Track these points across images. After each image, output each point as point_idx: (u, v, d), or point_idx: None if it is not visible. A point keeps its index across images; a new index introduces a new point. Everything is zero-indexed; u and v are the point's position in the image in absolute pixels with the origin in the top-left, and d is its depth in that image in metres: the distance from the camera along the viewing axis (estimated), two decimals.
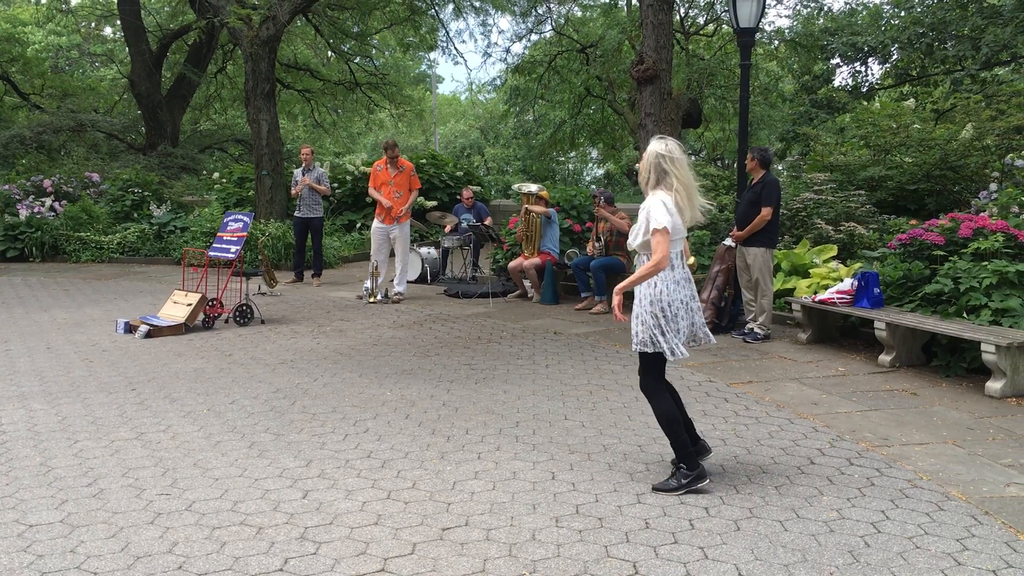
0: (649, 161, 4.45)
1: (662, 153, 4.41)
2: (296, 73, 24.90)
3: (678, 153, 4.44)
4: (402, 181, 10.77)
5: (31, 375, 6.97)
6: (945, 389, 6.46)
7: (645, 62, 11.93)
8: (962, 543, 3.76)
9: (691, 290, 4.49)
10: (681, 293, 4.41)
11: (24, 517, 4.05)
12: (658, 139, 4.52)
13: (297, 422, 5.63)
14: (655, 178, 4.44)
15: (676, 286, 4.39)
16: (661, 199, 4.36)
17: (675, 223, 4.34)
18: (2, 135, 21.68)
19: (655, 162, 4.42)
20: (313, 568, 3.54)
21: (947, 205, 10.86)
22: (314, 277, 12.63)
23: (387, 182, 10.74)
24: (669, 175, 4.40)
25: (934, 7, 17.53)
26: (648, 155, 4.46)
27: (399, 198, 10.72)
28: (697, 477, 4.36)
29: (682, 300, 4.41)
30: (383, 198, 10.68)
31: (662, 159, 4.41)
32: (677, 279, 4.41)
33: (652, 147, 4.46)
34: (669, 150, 4.42)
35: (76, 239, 15.67)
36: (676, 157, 4.42)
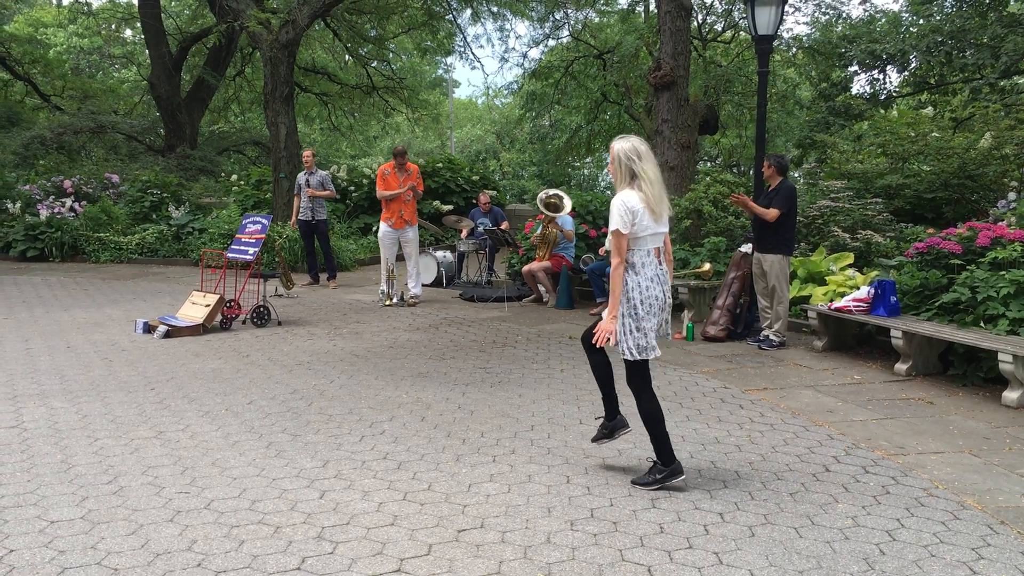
0: (619, 161, 4.44)
1: (629, 153, 4.42)
2: (314, 77, 25.03)
3: (644, 149, 4.44)
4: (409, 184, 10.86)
5: (52, 373, 7.05)
6: (962, 398, 6.44)
7: (662, 68, 11.95)
8: (977, 552, 3.76)
9: (663, 289, 4.51)
10: (653, 291, 4.44)
11: (46, 513, 4.10)
12: (622, 138, 4.52)
13: (314, 423, 5.67)
14: (628, 177, 4.43)
15: (651, 283, 4.44)
16: (622, 199, 4.37)
17: (640, 222, 4.36)
18: (23, 136, 21.87)
19: (625, 162, 4.42)
20: (330, 567, 3.57)
21: (965, 214, 10.81)
22: (329, 280, 12.68)
23: (398, 186, 10.79)
24: (638, 174, 4.41)
25: (953, 15, 17.47)
26: (616, 155, 4.45)
27: (408, 202, 10.82)
28: (671, 473, 4.46)
29: (656, 297, 4.45)
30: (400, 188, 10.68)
31: (631, 159, 4.41)
32: (650, 277, 4.44)
33: (618, 147, 4.45)
34: (635, 148, 4.43)
35: (96, 239, 15.81)
36: (643, 154, 4.42)
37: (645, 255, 4.44)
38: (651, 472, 4.53)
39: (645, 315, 4.42)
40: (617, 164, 4.45)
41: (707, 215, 10.86)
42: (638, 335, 4.42)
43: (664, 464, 4.49)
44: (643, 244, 4.41)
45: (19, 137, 21.88)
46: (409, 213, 10.80)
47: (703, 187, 11.14)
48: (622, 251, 4.36)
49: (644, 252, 4.43)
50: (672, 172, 12.19)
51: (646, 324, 4.43)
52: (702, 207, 10.84)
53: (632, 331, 4.42)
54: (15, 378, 6.86)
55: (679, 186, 12.02)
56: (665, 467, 4.48)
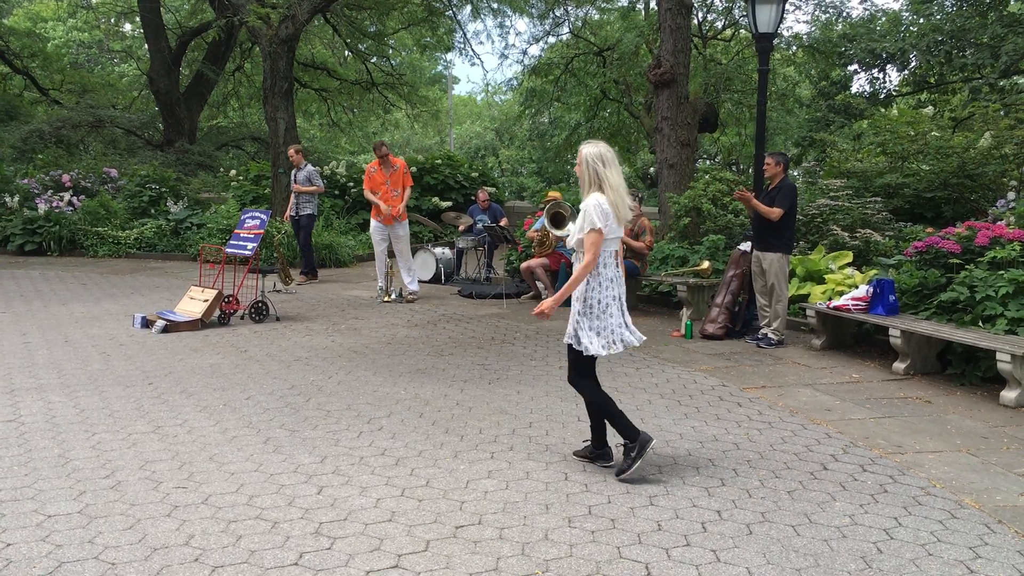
0: (586, 165, 4.59)
1: (597, 158, 4.56)
2: (313, 72, 24.99)
3: (610, 155, 4.60)
4: (397, 179, 10.79)
5: (49, 367, 7.04)
6: (959, 398, 6.44)
7: (662, 66, 11.95)
8: (975, 551, 3.76)
9: (619, 291, 4.64)
10: (609, 292, 4.58)
11: (43, 507, 4.10)
12: (590, 143, 4.67)
13: (312, 419, 5.67)
14: (596, 181, 4.56)
15: (605, 283, 4.57)
16: (598, 200, 4.50)
17: (610, 225, 4.51)
18: (22, 130, 21.83)
19: (593, 165, 4.56)
20: (328, 563, 3.57)
21: (964, 213, 10.82)
22: (301, 275, 12.58)
23: (384, 182, 10.77)
24: (604, 179, 4.54)
25: (954, 15, 17.47)
26: (584, 159, 4.59)
27: (396, 196, 10.75)
28: (641, 445, 4.58)
29: (612, 298, 4.59)
30: (382, 202, 10.67)
31: (597, 163, 4.55)
32: (609, 277, 4.58)
33: (586, 151, 4.60)
34: (602, 155, 4.58)
35: (94, 234, 15.79)
36: (608, 159, 4.57)
37: (608, 256, 4.58)
38: (626, 456, 4.64)
39: (601, 313, 4.56)
40: (585, 168, 4.59)
41: (706, 213, 10.86)
42: (591, 333, 4.56)
43: (632, 440, 4.62)
44: (607, 246, 4.56)
45: (17, 131, 21.84)
46: (398, 210, 10.74)
47: (702, 185, 11.14)
48: (597, 249, 4.48)
49: (608, 254, 4.58)
50: (671, 170, 12.19)
51: (600, 323, 4.57)
52: (701, 205, 10.83)
53: (586, 328, 4.56)
54: (13, 372, 6.85)
55: (678, 184, 12.02)
56: (634, 443, 4.61)
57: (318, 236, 14.53)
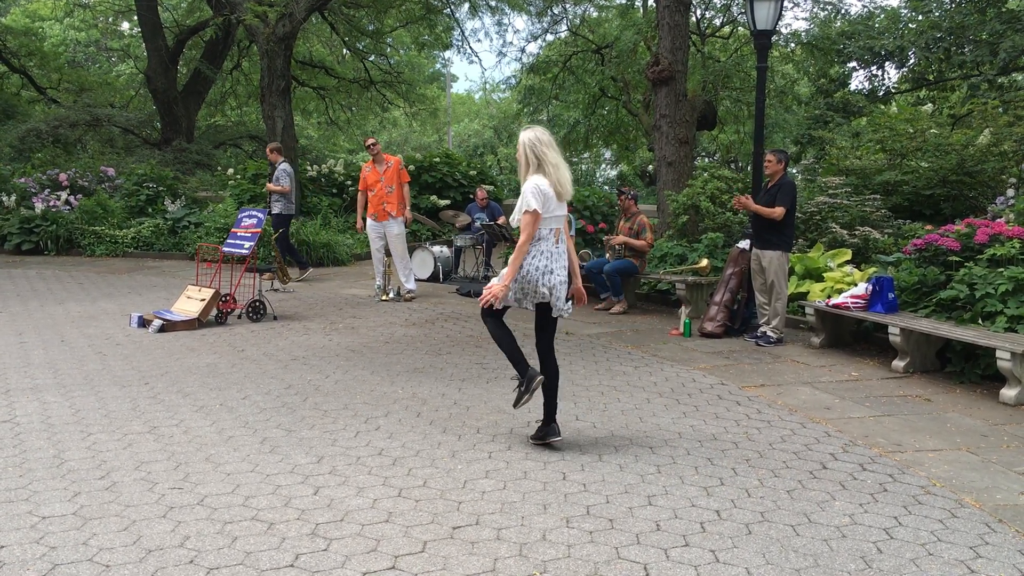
0: (525, 150, 4.82)
1: (534, 141, 4.80)
2: (311, 70, 24.95)
3: (547, 138, 4.84)
4: (391, 175, 10.72)
5: (45, 367, 7.01)
6: (959, 395, 6.42)
7: (661, 63, 11.92)
8: (975, 551, 3.74)
9: (553, 263, 4.85)
10: (539, 261, 4.82)
11: (37, 509, 4.07)
12: (527, 129, 4.89)
13: (309, 418, 5.64)
14: (535, 164, 4.80)
15: (536, 254, 4.82)
16: (536, 183, 4.75)
17: (548, 205, 4.76)
18: (19, 129, 21.80)
19: (530, 149, 4.79)
20: (324, 564, 3.54)
21: (963, 211, 10.80)
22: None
23: (377, 180, 10.72)
24: (543, 160, 4.78)
25: (952, 11, 17.44)
26: (522, 145, 4.83)
27: (391, 193, 10.69)
28: (530, 378, 4.97)
29: (536, 267, 4.82)
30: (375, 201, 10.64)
31: (535, 146, 4.79)
32: (541, 250, 4.83)
33: (524, 136, 4.83)
34: (539, 137, 4.82)
35: (91, 233, 15.76)
36: (546, 141, 4.82)
37: (547, 233, 4.85)
38: (518, 390, 5.02)
39: (535, 279, 4.82)
40: (523, 152, 4.83)
41: (705, 211, 10.83)
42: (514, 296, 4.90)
43: (521, 374, 5.01)
44: (545, 224, 4.82)
45: (15, 130, 21.80)
46: (393, 206, 10.69)
47: (701, 183, 11.11)
48: (532, 229, 4.75)
49: (546, 230, 4.84)
50: (670, 167, 12.17)
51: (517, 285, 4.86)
52: (700, 203, 10.81)
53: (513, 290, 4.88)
54: (8, 371, 6.82)
55: (677, 181, 12.00)
56: (523, 377, 5.00)
57: (315, 235, 14.50)
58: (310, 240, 14.39)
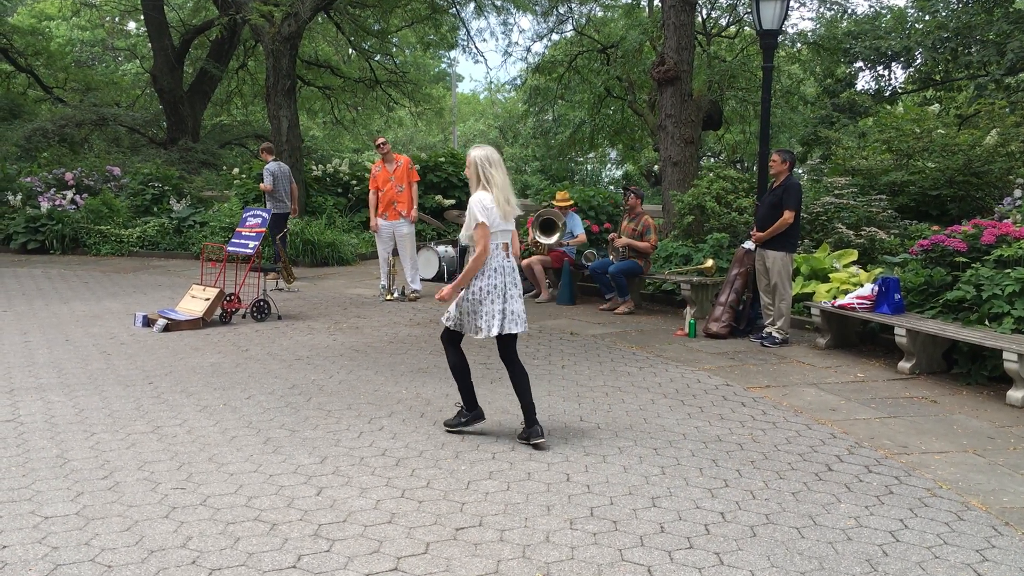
0: (473, 166, 5.08)
1: (483, 160, 5.06)
2: (316, 70, 24.94)
3: (496, 158, 5.11)
4: (401, 175, 10.70)
5: (49, 367, 7.01)
6: (966, 397, 6.38)
7: (666, 63, 11.89)
8: (982, 554, 3.71)
9: (505, 279, 5.09)
10: (491, 281, 5.05)
11: (40, 509, 4.07)
12: (478, 147, 5.16)
13: (312, 418, 5.63)
14: (483, 180, 5.07)
15: (488, 272, 5.04)
16: (480, 198, 5.02)
17: (493, 219, 4.99)
18: (25, 128, 21.84)
19: (479, 166, 5.05)
20: (326, 566, 3.53)
21: (970, 211, 10.76)
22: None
23: (387, 179, 10.71)
24: (490, 180, 5.04)
25: (959, 11, 17.38)
26: (473, 161, 5.08)
27: (401, 192, 10.68)
28: (473, 417, 5.31)
29: (493, 287, 5.04)
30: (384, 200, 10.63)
31: (484, 166, 5.05)
32: (493, 267, 5.06)
33: (474, 154, 5.09)
34: (487, 156, 5.08)
35: (96, 232, 15.78)
36: (494, 161, 5.08)
37: (494, 248, 5.06)
38: (458, 416, 5.34)
39: (483, 299, 5.03)
40: (473, 169, 5.09)
41: (710, 211, 10.80)
42: (462, 315, 5.10)
43: (468, 410, 5.30)
44: (493, 239, 5.04)
45: (21, 129, 21.84)
46: (404, 205, 10.68)
47: (706, 183, 11.09)
48: (485, 242, 4.99)
49: (493, 245, 5.05)
50: (675, 168, 12.14)
51: (480, 308, 5.03)
52: (705, 203, 10.78)
53: (461, 306, 5.10)
54: (13, 371, 6.83)
55: (682, 182, 11.97)
56: (468, 412, 5.30)
57: (320, 234, 14.50)
58: (315, 239, 14.38)
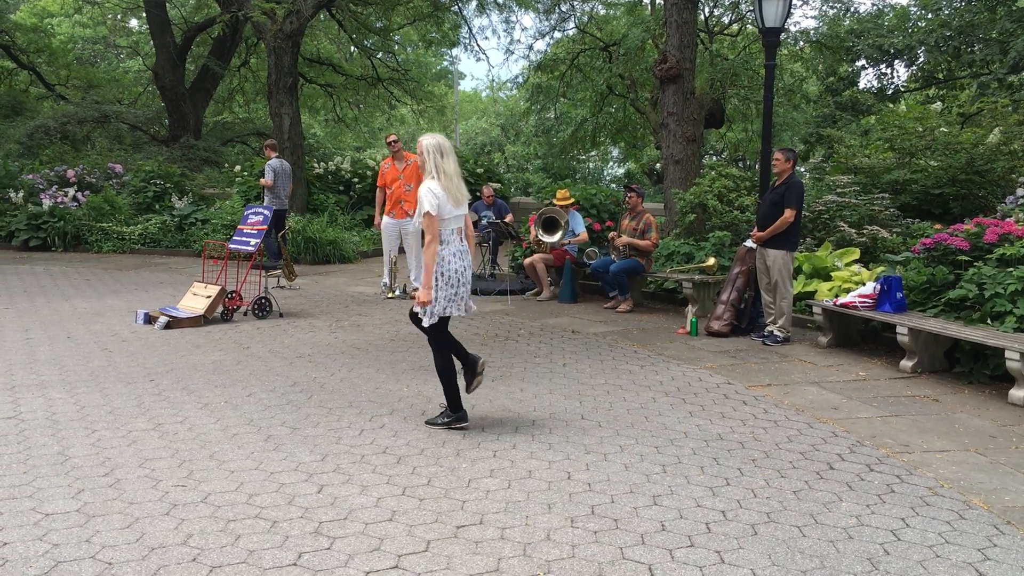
0: (427, 154, 5.16)
1: (434, 149, 5.15)
2: (318, 68, 24.95)
3: (447, 146, 5.23)
4: (410, 174, 10.69)
5: (51, 364, 7.01)
6: (968, 396, 6.37)
7: (668, 61, 11.88)
8: (983, 553, 3.70)
9: (467, 263, 5.29)
10: (458, 264, 5.20)
11: (41, 506, 4.06)
12: (429, 136, 5.25)
13: (313, 416, 5.63)
14: (432, 167, 5.14)
15: (454, 258, 5.18)
16: (429, 187, 5.10)
17: (443, 206, 5.10)
18: (27, 125, 21.84)
19: (430, 154, 5.15)
20: (327, 563, 3.53)
21: (972, 210, 10.74)
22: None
23: (396, 177, 10.71)
24: (439, 168, 5.14)
25: (962, 10, 17.35)
26: (425, 149, 5.16)
27: (409, 192, 10.67)
28: (458, 419, 5.37)
29: (458, 270, 5.20)
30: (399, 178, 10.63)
31: (436, 153, 5.15)
32: (454, 252, 5.20)
33: (427, 142, 5.17)
34: (439, 144, 5.19)
35: (98, 229, 15.79)
36: (446, 149, 5.20)
37: (449, 234, 5.20)
38: (441, 415, 5.42)
39: (445, 285, 5.17)
40: (426, 156, 5.16)
41: (712, 209, 10.79)
42: (444, 302, 5.18)
43: (452, 411, 5.37)
44: (447, 225, 5.17)
45: (23, 126, 21.85)
46: (411, 204, 10.69)
47: (708, 181, 11.07)
48: (435, 230, 5.08)
49: (448, 232, 5.19)
50: (677, 166, 12.13)
51: (453, 291, 5.19)
52: (707, 201, 10.77)
53: (441, 299, 5.17)
54: (14, 368, 6.83)
55: (684, 180, 11.96)
56: (453, 413, 5.37)
57: (322, 232, 14.50)
58: (316, 237, 14.38)
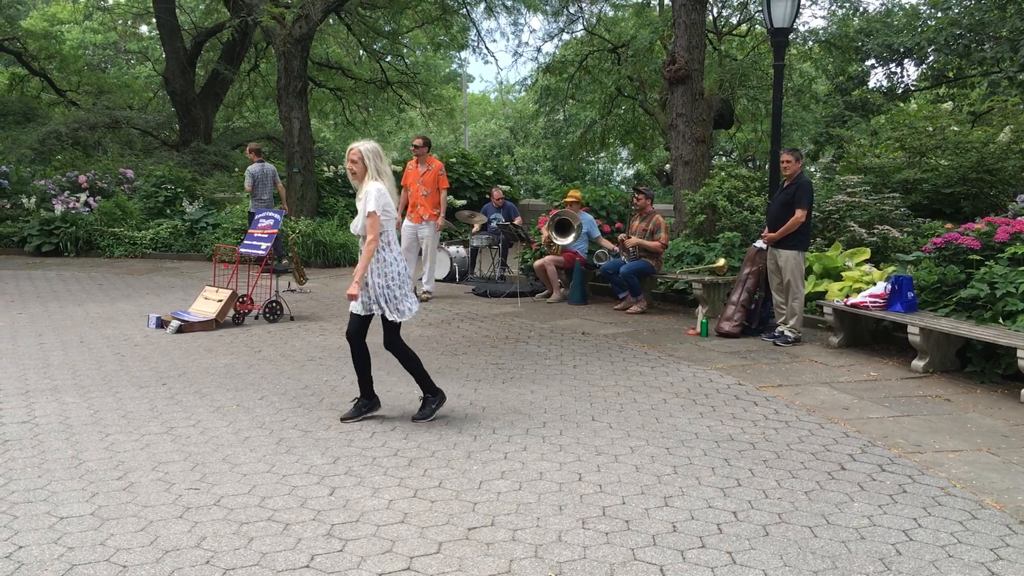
0: (367, 157, 5.29)
1: (372, 152, 5.30)
2: (328, 71, 25.01)
3: (381, 151, 5.41)
4: (429, 179, 10.72)
5: (64, 368, 7.06)
6: (979, 396, 6.35)
7: (677, 62, 11.87)
8: (996, 552, 3.70)
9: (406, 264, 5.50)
10: (402, 266, 5.40)
11: (55, 509, 4.09)
12: (363, 141, 5.39)
13: (325, 419, 5.65)
14: (374, 171, 5.29)
15: (392, 260, 5.34)
16: (377, 188, 5.24)
17: (388, 208, 5.25)
18: (39, 131, 21.95)
19: (370, 159, 5.29)
20: (339, 565, 3.54)
21: (983, 209, 10.69)
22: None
23: (416, 180, 10.75)
24: (380, 171, 5.29)
25: (972, 8, 17.28)
26: (364, 154, 5.29)
27: (426, 196, 10.69)
28: (439, 400, 5.58)
29: (401, 272, 5.38)
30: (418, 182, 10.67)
31: (375, 156, 5.30)
32: (397, 254, 5.40)
33: (366, 146, 5.32)
34: (375, 149, 5.35)
35: (110, 234, 15.87)
36: (381, 155, 5.38)
37: (391, 235, 5.37)
38: (425, 406, 5.55)
39: (402, 283, 5.38)
40: (365, 161, 5.29)
41: (721, 210, 10.78)
42: (399, 301, 5.36)
43: (432, 395, 5.55)
44: (388, 226, 5.32)
45: (35, 132, 21.96)
46: (426, 209, 10.71)
47: (717, 182, 11.07)
48: (376, 230, 5.21)
49: (389, 233, 5.35)
50: (686, 167, 12.12)
51: (401, 291, 5.37)
52: (716, 202, 10.76)
53: (395, 298, 5.35)
54: (28, 373, 6.88)
55: (693, 180, 11.95)
56: (434, 396, 5.55)
57: (332, 235, 14.54)
58: (327, 240, 14.42)
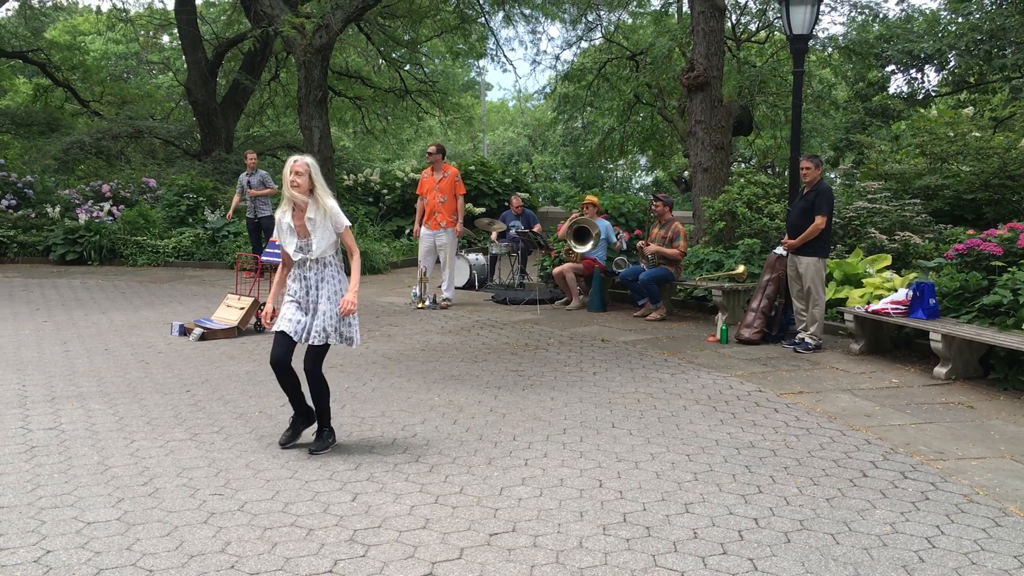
0: (312, 172, 5.04)
1: (315, 165, 5.08)
2: (347, 80, 25.15)
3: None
4: (446, 186, 10.78)
5: (89, 375, 7.14)
6: (1003, 403, 6.31)
7: (696, 69, 11.87)
8: (1019, 560, 3.68)
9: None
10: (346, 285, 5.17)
11: (82, 515, 4.15)
12: (302, 156, 5.10)
13: (346, 425, 5.69)
14: (321, 185, 5.05)
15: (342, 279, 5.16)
16: (335, 202, 5.08)
17: None
18: (63, 141, 22.21)
19: (317, 173, 5.06)
20: (362, 570, 3.57)
21: (1006, 215, 10.62)
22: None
23: (432, 188, 10.80)
24: (324, 185, 5.09)
25: (993, 13, 17.18)
26: (309, 168, 5.02)
27: (443, 203, 10.74)
28: (334, 437, 5.27)
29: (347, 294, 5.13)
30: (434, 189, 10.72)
31: (317, 171, 5.07)
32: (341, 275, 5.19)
33: (308, 160, 5.04)
34: (316, 163, 5.12)
35: (133, 243, 16.01)
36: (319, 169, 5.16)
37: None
38: (322, 438, 5.19)
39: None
40: (312, 174, 5.02)
41: (741, 217, 10.76)
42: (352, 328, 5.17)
43: (329, 429, 5.25)
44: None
45: (59, 142, 22.22)
46: (444, 216, 10.77)
47: (737, 188, 11.05)
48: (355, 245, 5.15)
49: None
50: (706, 173, 12.10)
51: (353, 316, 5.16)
52: (736, 208, 10.74)
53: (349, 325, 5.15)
54: (54, 380, 6.96)
55: (712, 187, 11.93)
56: (330, 431, 5.25)
57: None
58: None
